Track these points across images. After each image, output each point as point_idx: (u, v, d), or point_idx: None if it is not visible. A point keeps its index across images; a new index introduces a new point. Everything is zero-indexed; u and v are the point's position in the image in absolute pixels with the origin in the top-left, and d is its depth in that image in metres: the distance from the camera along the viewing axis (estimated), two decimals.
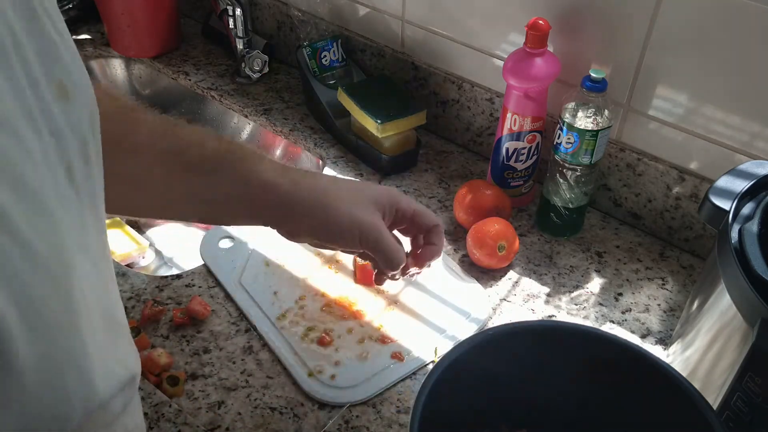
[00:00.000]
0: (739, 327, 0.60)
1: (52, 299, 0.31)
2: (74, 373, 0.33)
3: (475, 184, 0.94)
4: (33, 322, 0.30)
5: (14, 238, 0.29)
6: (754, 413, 0.58)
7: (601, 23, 0.88)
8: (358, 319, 0.81)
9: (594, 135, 0.84)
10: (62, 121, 0.36)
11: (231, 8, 1.18)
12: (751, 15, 0.76)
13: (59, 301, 0.32)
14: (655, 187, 0.92)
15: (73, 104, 0.37)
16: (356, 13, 1.16)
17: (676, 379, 0.55)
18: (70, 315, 0.33)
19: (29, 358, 0.30)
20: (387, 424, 0.70)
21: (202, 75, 1.27)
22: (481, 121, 1.06)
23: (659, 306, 0.85)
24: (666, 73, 0.85)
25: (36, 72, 0.34)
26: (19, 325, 0.29)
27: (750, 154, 0.83)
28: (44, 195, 0.32)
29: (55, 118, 0.35)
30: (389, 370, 0.75)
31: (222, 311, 0.82)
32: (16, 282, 0.29)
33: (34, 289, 0.30)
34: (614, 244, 0.94)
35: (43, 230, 0.31)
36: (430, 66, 1.09)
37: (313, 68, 1.13)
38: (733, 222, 0.63)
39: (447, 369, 0.55)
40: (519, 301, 0.85)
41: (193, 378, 0.74)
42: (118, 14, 1.25)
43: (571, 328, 0.63)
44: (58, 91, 0.36)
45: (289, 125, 1.15)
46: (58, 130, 0.35)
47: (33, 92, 0.33)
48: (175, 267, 1.15)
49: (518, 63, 0.88)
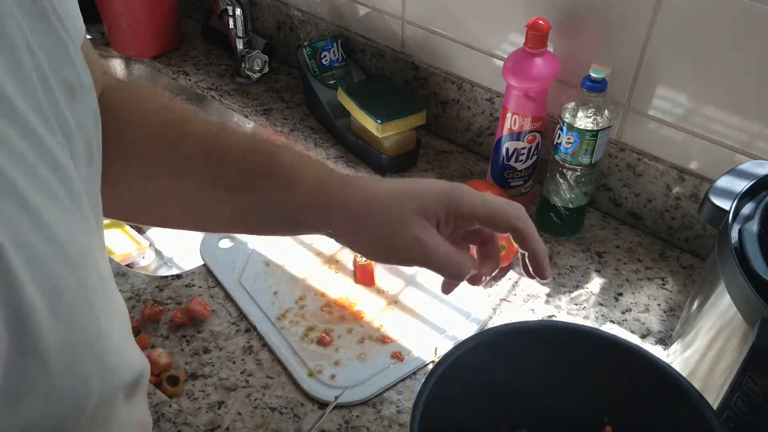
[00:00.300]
0: (739, 327, 0.60)
1: (72, 282, 0.32)
2: (92, 357, 0.34)
3: (475, 184, 0.94)
4: (55, 305, 0.30)
5: (37, 224, 0.30)
6: (754, 413, 0.58)
7: (601, 23, 0.88)
8: (358, 319, 0.81)
9: (594, 135, 0.84)
10: (71, 121, 0.36)
11: (231, 8, 1.18)
12: (752, 15, 0.76)
13: (78, 285, 0.33)
14: (655, 187, 0.92)
15: (79, 104, 0.38)
16: (356, 13, 1.16)
17: (676, 379, 0.55)
18: (88, 299, 0.34)
19: (53, 341, 0.30)
20: (387, 424, 0.70)
21: (202, 75, 1.27)
22: (481, 121, 1.06)
23: (659, 306, 0.85)
24: (666, 73, 0.85)
25: (46, 71, 0.35)
26: (44, 308, 0.29)
27: (750, 154, 0.83)
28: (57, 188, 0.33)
29: (65, 117, 0.36)
30: (389, 370, 0.75)
31: (222, 311, 0.82)
32: (40, 266, 0.30)
33: (56, 272, 0.31)
34: (614, 244, 0.94)
35: (59, 218, 0.32)
36: (430, 66, 1.09)
37: (313, 68, 1.13)
38: (733, 222, 0.63)
39: (447, 369, 0.55)
40: (519, 301, 0.85)
41: (193, 378, 0.74)
42: (118, 14, 1.25)
43: (571, 328, 0.63)
44: (67, 91, 0.36)
45: (289, 125, 1.15)
46: (68, 129, 0.36)
47: (44, 91, 0.34)
48: (175, 267, 1.15)
49: (518, 63, 0.88)
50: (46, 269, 0.30)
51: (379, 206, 0.53)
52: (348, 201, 0.54)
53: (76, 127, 0.37)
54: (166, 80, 1.31)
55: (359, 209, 0.53)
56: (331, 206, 0.54)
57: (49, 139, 0.33)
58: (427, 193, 0.54)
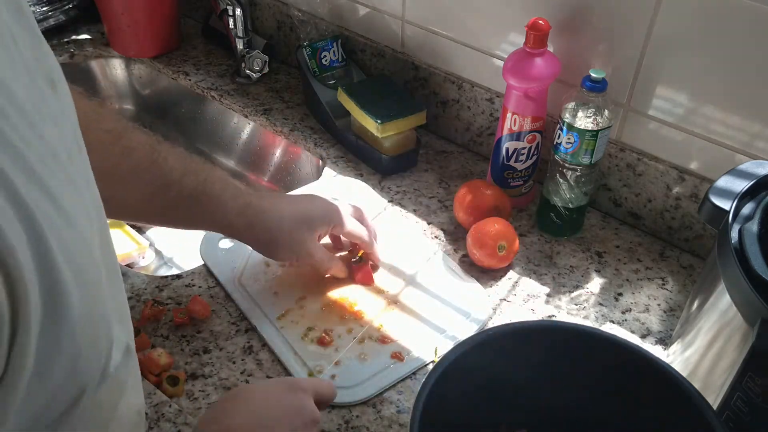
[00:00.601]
0: (739, 327, 0.60)
1: (85, 256, 0.35)
2: (103, 326, 0.37)
3: (475, 184, 0.94)
4: (79, 277, 0.33)
5: (55, 203, 0.32)
6: (754, 413, 0.58)
7: (601, 23, 0.88)
8: (358, 319, 0.81)
9: (594, 135, 0.84)
10: (58, 112, 0.38)
11: (231, 8, 1.18)
12: (751, 15, 0.76)
13: (90, 258, 0.36)
14: (655, 187, 0.92)
15: (60, 96, 0.39)
16: (356, 13, 1.16)
17: (676, 379, 0.55)
18: (97, 271, 0.37)
19: (79, 309, 0.33)
20: (387, 424, 0.70)
21: (202, 75, 1.27)
22: (481, 121, 1.06)
23: (659, 306, 0.85)
24: (666, 73, 0.85)
25: (31, 66, 0.35)
26: (72, 279, 0.32)
27: (750, 154, 0.83)
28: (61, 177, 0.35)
29: (52, 109, 0.37)
30: (389, 370, 0.75)
31: (222, 311, 0.82)
32: (67, 248, 0.32)
33: (78, 253, 0.34)
34: (614, 244, 0.94)
35: (69, 197, 0.34)
36: (430, 66, 1.09)
37: (313, 68, 1.13)
38: (733, 222, 0.63)
39: (447, 369, 0.55)
40: (519, 301, 0.85)
41: (193, 378, 0.74)
42: (118, 14, 1.25)
43: (571, 328, 0.63)
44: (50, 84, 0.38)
45: (289, 125, 1.15)
46: (57, 120, 0.37)
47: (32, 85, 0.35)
48: (175, 267, 1.15)
49: (518, 63, 0.88)
50: (71, 251, 0.33)
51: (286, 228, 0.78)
52: (263, 224, 0.77)
53: (62, 117, 0.39)
54: (166, 80, 1.31)
55: (272, 232, 0.78)
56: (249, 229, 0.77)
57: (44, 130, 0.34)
58: (315, 217, 0.80)
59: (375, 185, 1.02)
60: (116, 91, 1.38)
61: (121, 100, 1.39)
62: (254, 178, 1.25)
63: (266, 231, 0.78)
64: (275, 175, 1.22)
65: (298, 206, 0.81)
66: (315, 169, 1.12)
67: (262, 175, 1.24)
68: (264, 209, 0.78)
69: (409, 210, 0.98)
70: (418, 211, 0.98)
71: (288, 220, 0.78)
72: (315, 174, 1.11)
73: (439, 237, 0.94)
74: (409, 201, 1.00)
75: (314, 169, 1.12)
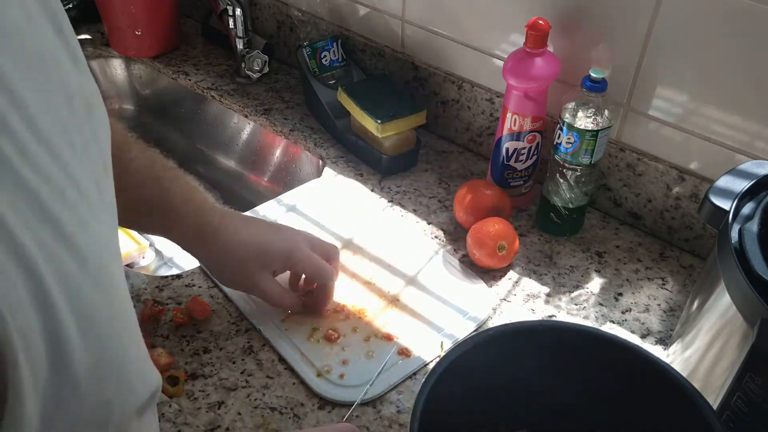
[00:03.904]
0: (739, 327, 0.60)
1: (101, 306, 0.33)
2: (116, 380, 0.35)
3: (475, 184, 0.94)
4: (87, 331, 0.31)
5: (68, 244, 0.30)
6: (754, 413, 0.58)
7: (601, 23, 0.88)
8: (361, 318, 0.81)
9: (594, 135, 0.84)
10: (90, 137, 0.37)
11: (231, 8, 1.18)
12: (751, 15, 0.76)
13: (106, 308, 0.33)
14: (655, 187, 0.92)
15: (95, 118, 0.38)
16: (356, 13, 1.16)
17: (676, 379, 0.55)
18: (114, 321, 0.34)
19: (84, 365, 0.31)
20: (387, 424, 0.70)
21: (202, 75, 1.27)
22: (481, 121, 1.06)
23: (659, 306, 0.85)
24: (666, 73, 0.85)
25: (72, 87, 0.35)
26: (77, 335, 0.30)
27: (750, 154, 0.83)
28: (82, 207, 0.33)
29: (84, 133, 0.36)
30: (398, 367, 0.75)
31: (222, 311, 0.82)
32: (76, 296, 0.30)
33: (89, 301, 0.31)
34: (614, 244, 0.94)
35: (86, 238, 0.32)
36: (430, 66, 1.09)
37: (313, 68, 1.13)
38: (733, 222, 0.63)
39: (447, 369, 0.55)
40: (519, 301, 0.85)
41: (193, 378, 0.74)
42: (118, 14, 1.25)
43: (571, 328, 0.63)
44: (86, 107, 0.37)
45: (289, 125, 1.15)
46: (87, 145, 0.36)
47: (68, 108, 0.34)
48: (175, 267, 1.14)
49: (518, 63, 0.88)
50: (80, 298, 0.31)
51: (239, 256, 0.75)
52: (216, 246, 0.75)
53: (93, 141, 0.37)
54: (166, 80, 1.31)
55: (221, 256, 0.76)
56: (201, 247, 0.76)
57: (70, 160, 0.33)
58: (272, 252, 0.77)
59: (375, 185, 1.02)
60: (116, 91, 1.38)
61: (121, 100, 1.39)
62: (254, 178, 1.25)
63: (217, 254, 0.76)
64: (275, 175, 1.22)
65: (259, 237, 0.77)
66: (315, 169, 1.12)
67: (262, 175, 1.24)
68: (222, 231, 0.75)
69: (409, 210, 0.98)
70: (418, 211, 0.98)
71: (243, 249, 0.75)
72: (315, 174, 1.11)
73: (439, 237, 0.94)
74: (409, 201, 1.00)
75: (314, 169, 1.12)
